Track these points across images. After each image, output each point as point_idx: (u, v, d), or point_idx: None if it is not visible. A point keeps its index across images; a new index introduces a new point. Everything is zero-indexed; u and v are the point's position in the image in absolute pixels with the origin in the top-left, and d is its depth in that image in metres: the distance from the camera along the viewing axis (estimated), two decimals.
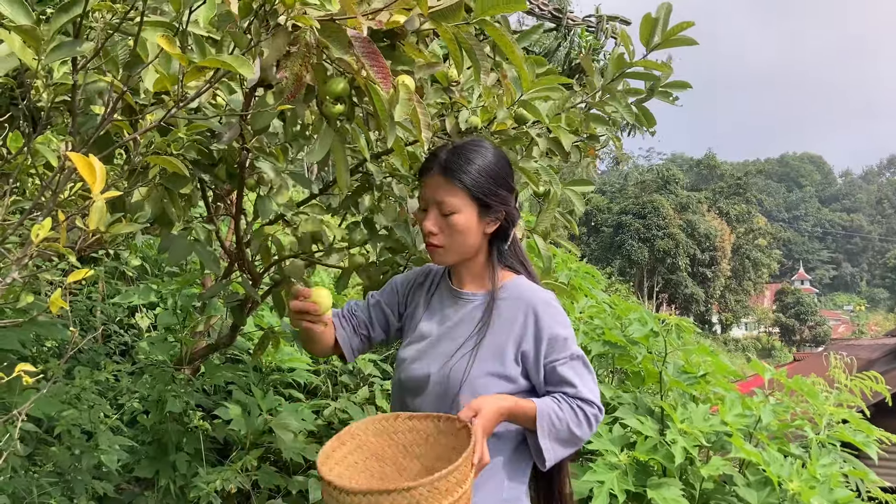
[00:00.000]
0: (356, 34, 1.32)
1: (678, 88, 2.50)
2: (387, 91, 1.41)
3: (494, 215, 1.82)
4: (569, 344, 1.82)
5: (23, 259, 1.00)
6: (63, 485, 3.00)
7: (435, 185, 1.77)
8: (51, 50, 1.07)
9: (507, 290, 1.86)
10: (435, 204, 1.78)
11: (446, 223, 1.77)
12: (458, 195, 1.75)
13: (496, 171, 1.79)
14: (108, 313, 4.42)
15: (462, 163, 1.76)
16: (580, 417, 1.76)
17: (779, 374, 4.06)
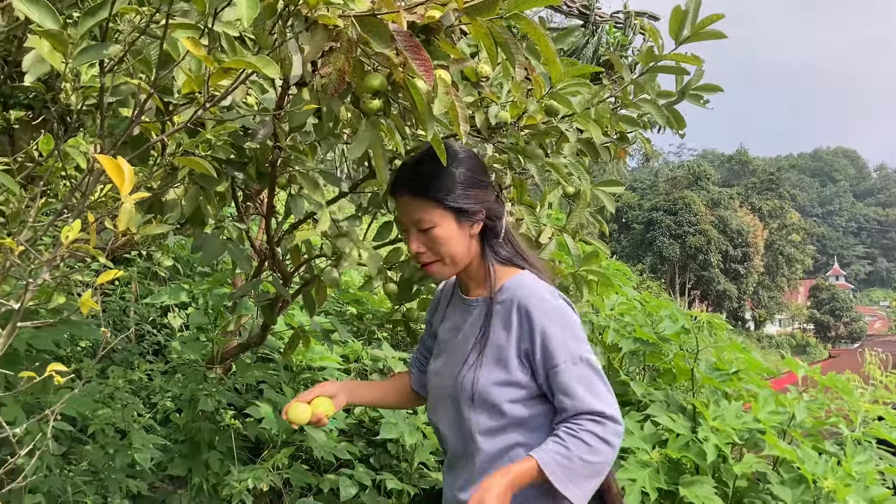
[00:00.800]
0: (398, 28, 1.32)
1: (709, 91, 2.47)
2: (430, 84, 1.40)
3: (474, 217, 1.76)
4: (568, 345, 1.68)
5: (53, 260, 1.02)
6: (97, 483, 3.04)
7: (406, 206, 1.74)
8: (78, 53, 1.08)
9: (505, 290, 1.79)
10: (412, 224, 1.74)
11: (429, 239, 1.73)
12: (430, 209, 1.71)
13: (461, 173, 1.74)
14: (140, 313, 4.48)
15: (425, 175, 1.72)
16: (591, 442, 1.61)
17: (813, 370, 3.99)
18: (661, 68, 2.29)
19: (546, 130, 2.24)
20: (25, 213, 1.34)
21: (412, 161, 1.78)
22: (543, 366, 1.69)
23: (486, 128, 2.24)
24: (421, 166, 1.74)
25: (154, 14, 1.13)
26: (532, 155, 2.24)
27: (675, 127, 2.48)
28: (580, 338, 1.72)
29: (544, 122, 2.26)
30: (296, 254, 2.82)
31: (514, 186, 2.60)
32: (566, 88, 2.13)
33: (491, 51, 1.63)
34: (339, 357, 4.22)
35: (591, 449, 1.61)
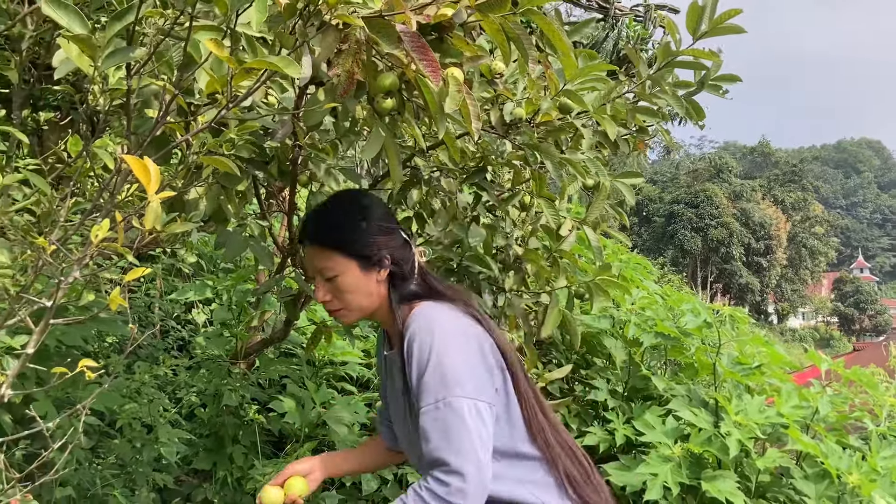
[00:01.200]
0: (405, 29, 1.33)
1: (728, 81, 2.45)
2: (436, 84, 1.41)
3: (379, 264, 1.73)
4: (435, 387, 1.55)
5: (83, 259, 1.04)
6: (125, 476, 3.09)
7: (311, 255, 1.74)
8: (106, 56, 1.10)
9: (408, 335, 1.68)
10: (317, 272, 1.73)
11: (334, 287, 1.71)
12: (332, 258, 1.70)
13: (362, 221, 1.72)
14: (165, 309, 4.54)
15: (326, 225, 1.72)
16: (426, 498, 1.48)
17: (836, 364, 3.96)
18: (678, 63, 2.28)
19: (561, 127, 2.24)
20: (56, 213, 1.37)
21: (316, 210, 1.78)
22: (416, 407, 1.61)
23: (502, 125, 2.24)
24: (324, 215, 1.74)
25: (178, 17, 1.15)
26: (547, 152, 2.24)
27: (695, 118, 2.47)
28: (454, 379, 1.55)
29: (559, 118, 2.26)
30: None
31: (533, 179, 2.60)
32: (582, 85, 2.12)
33: (504, 47, 1.63)
34: (360, 352, 4.25)
35: None
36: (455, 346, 1.61)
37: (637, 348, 4.07)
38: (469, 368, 1.59)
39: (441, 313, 1.68)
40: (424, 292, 1.77)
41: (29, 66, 1.75)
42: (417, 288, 1.78)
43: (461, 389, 1.53)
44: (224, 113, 1.19)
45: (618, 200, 2.96)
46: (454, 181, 2.78)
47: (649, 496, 3.18)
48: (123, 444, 3.09)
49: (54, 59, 1.26)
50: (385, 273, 1.74)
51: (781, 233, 55.72)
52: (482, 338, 1.69)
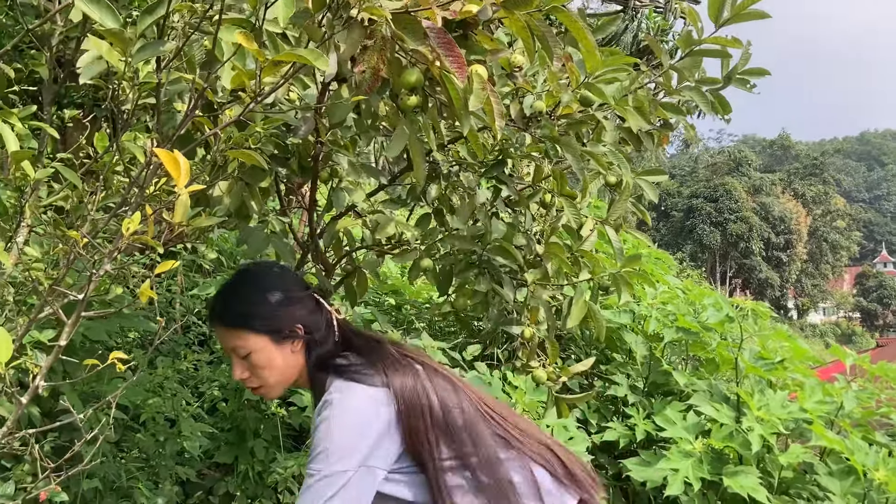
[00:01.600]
0: (431, 25, 1.33)
1: (756, 75, 2.42)
2: (462, 81, 1.41)
3: (291, 335, 1.68)
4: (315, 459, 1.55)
5: (114, 252, 1.06)
6: (149, 470, 3.13)
7: (221, 336, 1.70)
8: (137, 51, 1.11)
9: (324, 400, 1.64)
10: (231, 350, 1.68)
11: (250, 364, 1.67)
12: (242, 337, 1.65)
13: (269, 295, 1.67)
14: (186, 305, 4.57)
15: (229, 305, 1.67)
16: None
17: (861, 359, 3.93)
18: (702, 52, 2.26)
19: (582, 119, 2.22)
20: (85, 208, 1.39)
21: (221, 290, 1.73)
22: None
23: (522, 118, 2.24)
24: (229, 294, 1.69)
25: (207, 11, 1.16)
26: (568, 145, 2.23)
27: (721, 112, 2.44)
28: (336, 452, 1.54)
29: (580, 111, 2.24)
30: (337, 246, 2.86)
31: (554, 177, 2.59)
32: (602, 77, 2.11)
33: (528, 44, 1.62)
34: None
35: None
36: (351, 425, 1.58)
37: (658, 343, 4.06)
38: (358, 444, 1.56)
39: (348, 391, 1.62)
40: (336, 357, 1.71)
41: (53, 67, 1.76)
42: (335, 348, 1.73)
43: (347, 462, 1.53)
44: (252, 107, 1.20)
45: (636, 195, 2.94)
46: (473, 176, 2.78)
47: (670, 491, 3.17)
48: (147, 437, 3.12)
49: (80, 61, 1.28)
50: (300, 343, 1.70)
51: (802, 227, 55.22)
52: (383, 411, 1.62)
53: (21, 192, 1.49)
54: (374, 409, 1.60)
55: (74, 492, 2.74)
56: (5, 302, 1.42)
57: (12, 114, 1.35)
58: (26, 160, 1.39)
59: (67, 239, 1.13)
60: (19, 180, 1.38)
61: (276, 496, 3.36)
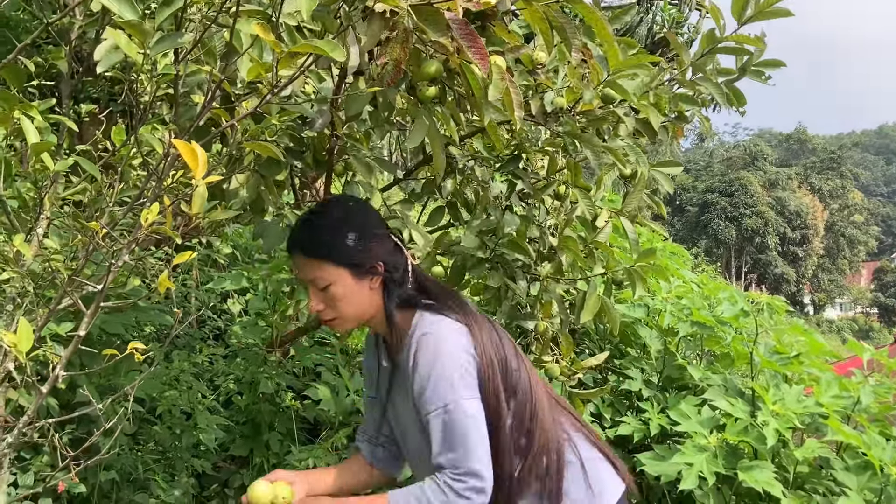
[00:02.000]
0: (453, 16, 1.33)
1: (771, 67, 2.40)
2: (485, 71, 1.41)
3: (371, 272, 1.69)
4: (441, 391, 1.58)
5: (132, 243, 1.07)
6: (165, 462, 3.16)
7: (300, 266, 1.69)
8: (155, 42, 1.12)
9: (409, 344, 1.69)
10: (308, 282, 1.69)
11: (328, 297, 1.67)
12: (323, 268, 1.65)
13: (351, 229, 1.68)
14: (201, 299, 4.61)
15: (314, 235, 1.67)
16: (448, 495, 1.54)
17: (879, 353, 3.89)
18: (722, 49, 2.24)
19: (603, 116, 2.22)
20: (103, 200, 1.40)
21: (304, 219, 1.73)
22: (420, 413, 1.63)
23: (542, 114, 2.23)
24: (313, 224, 1.69)
25: (225, 2, 1.16)
26: (589, 142, 2.22)
27: (736, 104, 2.43)
28: (459, 383, 1.60)
29: (601, 107, 2.24)
30: None
31: (569, 169, 2.59)
32: (623, 73, 2.10)
33: (546, 35, 1.62)
34: None
35: (447, 501, 1.55)
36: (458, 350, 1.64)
37: (672, 338, 4.04)
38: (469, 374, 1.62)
39: (441, 322, 1.68)
40: (418, 296, 1.75)
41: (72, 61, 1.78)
42: (412, 292, 1.75)
43: (467, 392, 1.58)
44: (269, 98, 1.20)
45: (652, 189, 2.93)
46: (488, 170, 2.78)
47: (684, 486, 3.16)
48: (163, 430, 3.15)
49: (96, 52, 1.29)
50: (378, 280, 1.71)
51: (818, 221, 54.82)
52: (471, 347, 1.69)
53: (40, 184, 1.51)
54: (468, 342, 1.66)
55: (92, 483, 2.77)
56: (25, 293, 1.44)
57: (32, 107, 1.37)
58: (46, 152, 1.41)
59: (86, 230, 1.14)
60: (38, 172, 1.39)
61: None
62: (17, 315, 1.42)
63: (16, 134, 1.38)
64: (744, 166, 54.97)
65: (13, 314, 1.48)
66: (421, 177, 2.89)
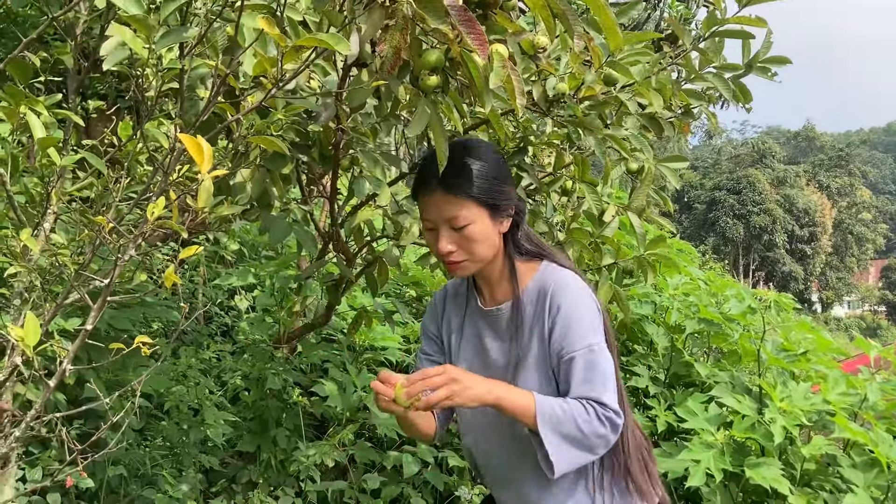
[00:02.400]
0: (452, 3, 1.33)
1: (778, 64, 2.39)
2: (483, 58, 1.40)
3: (505, 213, 1.70)
4: (587, 334, 1.64)
5: (138, 237, 1.07)
6: (172, 457, 3.17)
7: (439, 203, 1.65)
8: (160, 37, 1.12)
9: (532, 286, 1.72)
10: (444, 222, 1.65)
11: (462, 237, 1.65)
12: (466, 206, 1.63)
13: (495, 169, 1.68)
14: (209, 296, 4.62)
15: (459, 172, 1.64)
16: (590, 414, 1.56)
17: (886, 351, 3.88)
18: (725, 33, 2.23)
19: (605, 101, 2.20)
20: (110, 196, 1.40)
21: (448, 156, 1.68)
22: (559, 352, 1.64)
23: (545, 101, 2.22)
24: (453, 161, 1.65)
25: None
26: (591, 126, 2.21)
27: (742, 101, 2.41)
28: (598, 328, 1.67)
29: (603, 92, 2.23)
30: (359, 235, 2.87)
31: (576, 164, 2.58)
32: (626, 58, 2.10)
33: (549, 23, 1.61)
34: (399, 337, 4.28)
35: (589, 420, 1.56)
36: (592, 298, 1.71)
37: (679, 334, 4.03)
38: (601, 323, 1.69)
39: (573, 274, 1.74)
40: (537, 250, 1.78)
41: (78, 56, 1.78)
42: (531, 245, 1.78)
43: (603, 339, 1.66)
44: (274, 93, 1.20)
45: (660, 185, 2.92)
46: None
47: (692, 482, 3.16)
48: (171, 425, 3.16)
49: (103, 48, 1.29)
50: (507, 224, 1.72)
51: (826, 219, 54.60)
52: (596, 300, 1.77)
53: (47, 179, 1.51)
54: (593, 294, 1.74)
55: (100, 478, 2.79)
56: (33, 288, 1.44)
57: (39, 102, 1.37)
58: (52, 148, 1.41)
59: (93, 225, 1.14)
60: (45, 168, 1.40)
61: (299, 484, 3.39)
62: (24, 310, 1.43)
63: (22, 129, 1.38)
64: (752, 164, 54.77)
65: (20, 309, 1.48)
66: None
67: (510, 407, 1.54)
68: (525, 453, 1.68)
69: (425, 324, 1.94)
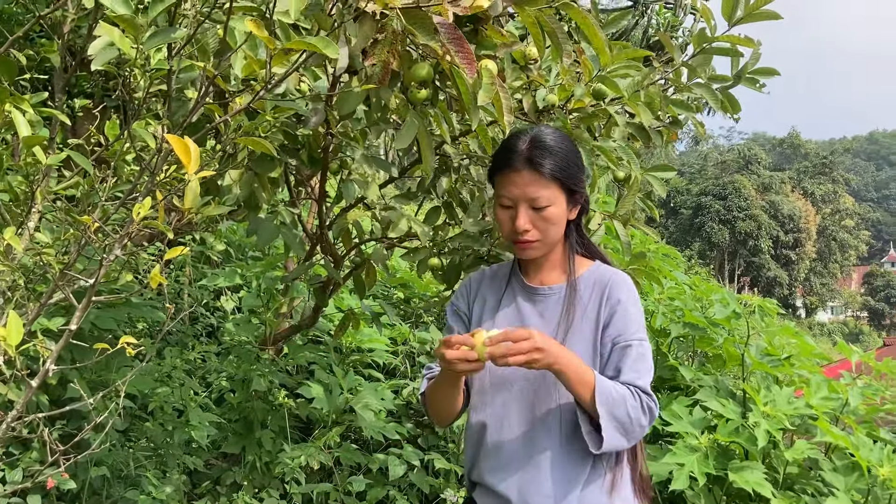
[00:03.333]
0: (442, 20, 1.34)
1: (765, 75, 2.42)
2: (471, 77, 1.41)
3: (576, 202, 1.76)
4: (637, 326, 1.73)
5: (124, 237, 1.06)
6: (157, 459, 3.15)
7: (524, 182, 1.68)
8: (148, 37, 1.12)
9: (586, 278, 1.79)
10: (526, 201, 1.69)
11: (539, 217, 1.70)
12: (549, 187, 1.68)
13: (576, 156, 1.75)
14: (194, 296, 4.59)
15: (547, 153, 1.68)
16: (636, 401, 1.63)
17: (867, 356, 3.91)
18: (714, 50, 2.25)
19: (594, 113, 2.22)
20: (96, 195, 1.40)
21: (528, 137, 1.72)
22: (615, 338, 1.72)
23: (534, 111, 2.24)
24: (541, 142, 1.70)
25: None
26: (580, 139, 2.23)
27: (730, 111, 2.43)
28: (644, 325, 1.77)
29: (592, 105, 2.24)
30: (347, 238, 2.87)
31: None
32: (615, 72, 2.11)
33: (538, 39, 1.63)
34: (387, 339, 4.27)
35: (637, 406, 1.63)
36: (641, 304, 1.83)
37: (664, 338, 4.05)
38: None
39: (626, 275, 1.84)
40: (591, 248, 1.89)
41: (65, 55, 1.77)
42: (587, 242, 1.88)
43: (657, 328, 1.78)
44: (262, 94, 1.20)
45: (646, 192, 2.93)
46: (484, 170, 2.78)
47: (675, 486, 3.18)
48: (155, 426, 3.14)
49: (91, 48, 1.28)
50: (575, 213, 1.78)
51: (811, 225, 55.01)
52: None
53: (32, 178, 1.50)
54: None
55: (82, 479, 2.76)
56: (16, 287, 1.43)
57: (24, 100, 1.36)
58: (38, 146, 1.40)
59: (78, 224, 1.14)
60: (30, 166, 1.39)
61: (283, 486, 3.38)
62: (7, 309, 1.42)
63: (7, 127, 1.37)
64: (738, 170, 55.12)
65: (3, 308, 1.47)
66: (416, 175, 2.89)
67: (575, 376, 1.60)
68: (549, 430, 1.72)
69: (454, 302, 1.97)
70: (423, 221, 2.80)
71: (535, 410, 1.74)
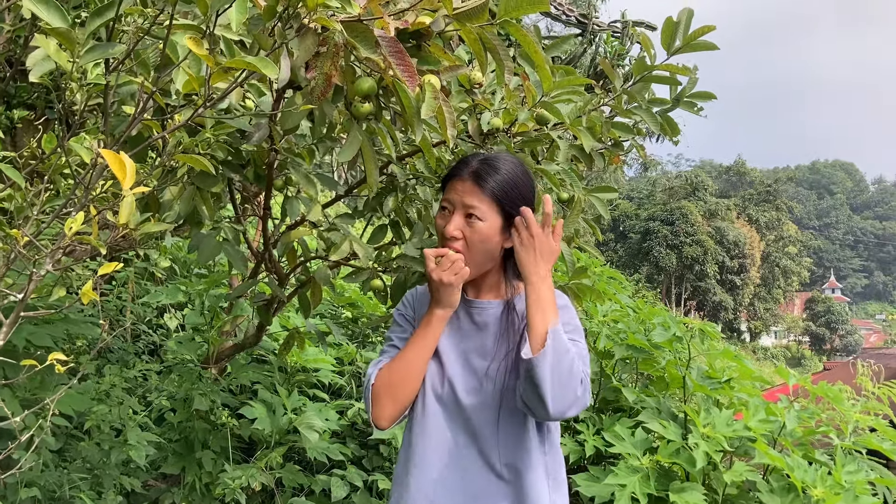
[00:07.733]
0: (383, 34, 1.36)
1: (703, 99, 2.50)
2: (413, 89, 1.43)
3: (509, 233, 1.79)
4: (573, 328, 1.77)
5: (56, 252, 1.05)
6: (92, 479, 3.06)
7: (464, 190, 1.75)
8: (85, 52, 1.11)
9: (524, 296, 1.79)
10: (461, 207, 1.75)
11: (469, 229, 1.75)
12: (485, 202, 1.74)
13: (522, 186, 1.79)
14: (137, 313, 4.50)
15: (492, 172, 1.75)
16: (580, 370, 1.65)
17: (804, 379, 4.02)
18: (653, 78, 2.32)
19: (537, 138, 2.27)
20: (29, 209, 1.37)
21: (484, 156, 1.81)
22: None
23: (479, 134, 2.27)
24: (491, 162, 1.77)
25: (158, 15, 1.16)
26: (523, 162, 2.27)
27: (669, 134, 2.50)
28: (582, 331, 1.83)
29: (536, 129, 2.29)
30: (292, 255, 2.85)
31: None
32: (558, 97, 2.16)
33: (480, 56, 1.66)
34: (332, 359, 4.24)
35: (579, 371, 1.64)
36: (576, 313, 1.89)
37: (608, 360, 4.11)
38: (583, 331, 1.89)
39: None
40: None
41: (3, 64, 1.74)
42: None
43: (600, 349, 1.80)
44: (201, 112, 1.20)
45: (595, 216, 2.98)
46: (430, 189, 2.80)
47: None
48: (91, 446, 3.06)
49: (29, 59, 1.26)
50: (509, 244, 1.80)
51: (755, 252, 56.35)
52: None
53: None
54: None
55: (11, 501, 2.67)
56: None
57: None
58: None
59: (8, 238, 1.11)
60: None
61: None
62: None
63: None
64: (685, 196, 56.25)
65: None
66: (363, 194, 2.89)
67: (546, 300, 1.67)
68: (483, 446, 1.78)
69: (400, 310, 2.01)
70: (368, 241, 2.80)
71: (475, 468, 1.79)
